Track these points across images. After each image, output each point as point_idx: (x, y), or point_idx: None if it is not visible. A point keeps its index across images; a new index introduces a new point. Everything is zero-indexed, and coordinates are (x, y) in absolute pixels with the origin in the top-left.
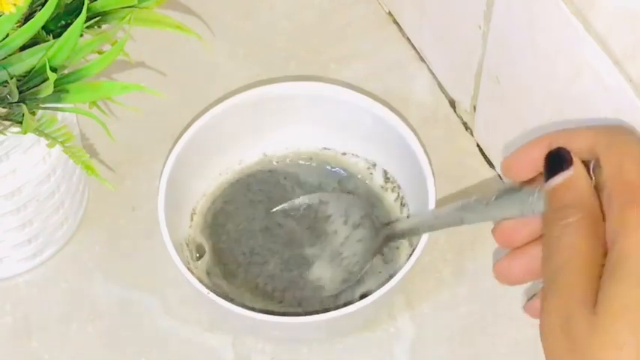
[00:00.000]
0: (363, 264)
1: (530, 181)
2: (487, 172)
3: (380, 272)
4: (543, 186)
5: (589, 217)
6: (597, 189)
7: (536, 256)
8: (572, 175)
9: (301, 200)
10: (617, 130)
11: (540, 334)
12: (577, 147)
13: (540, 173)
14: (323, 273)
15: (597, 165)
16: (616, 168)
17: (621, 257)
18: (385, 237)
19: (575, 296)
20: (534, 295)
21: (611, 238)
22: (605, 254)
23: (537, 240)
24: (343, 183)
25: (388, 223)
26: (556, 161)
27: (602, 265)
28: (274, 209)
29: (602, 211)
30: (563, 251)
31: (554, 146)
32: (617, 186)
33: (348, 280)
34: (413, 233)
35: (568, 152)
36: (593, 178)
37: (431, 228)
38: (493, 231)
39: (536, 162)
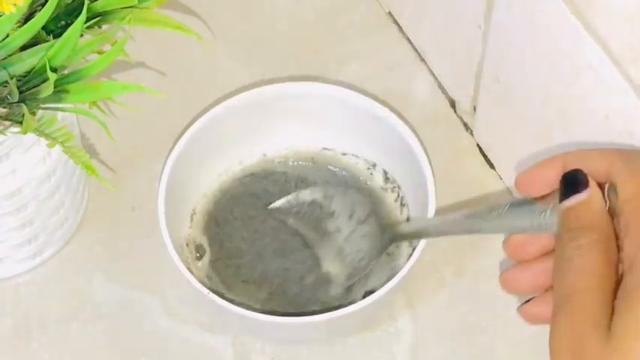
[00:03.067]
0: (369, 260)
1: (543, 197)
2: (487, 173)
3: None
4: (557, 205)
5: (602, 241)
6: (611, 213)
7: (544, 270)
8: (587, 198)
9: (306, 194)
10: (634, 155)
11: (550, 356)
12: (592, 169)
13: (554, 190)
14: (330, 269)
15: (612, 189)
16: (633, 193)
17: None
18: (391, 237)
19: (589, 319)
20: (530, 299)
21: (628, 263)
22: (616, 280)
23: (546, 255)
24: (343, 183)
25: (394, 224)
26: (571, 183)
27: (615, 290)
28: (276, 203)
29: (616, 235)
30: (576, 273)
31: (569, 167)
32: (635, 211)
33: (353, 275)
34: (420, 236)
35: (584, 174)
36: (608, 201)
37: (439, 233)
38: (504, 243)
39: (550, 180)
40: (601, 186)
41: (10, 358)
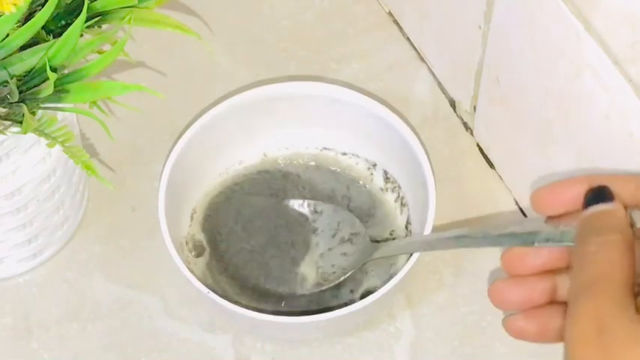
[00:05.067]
0: (341, 274)
1: (554, 218)
2: (487, 172)
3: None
4: (567, 223)
5: (626, 243)
6: (635, 235)
7: (541, 288)
8: (613, 208)
9: (297, 205)
10: None
11: (567, 342)
12: (618, 192)
13: (567, 213)
14: (307, 272)
15: (635, 212)
16: None
17: None
18: (365, 258)
19: (615, 300)
20: (516, 313)
21: None
22: (637, 288)
23: (543, 274)
24: (343, 183)
25: (378, 241)
26: (597, 196)
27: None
28: (287, 202)
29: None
30: (600, 264)
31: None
32: None
33: (321, 285)
34: (401, 253)
35: (610, 190)
36: (633, 224)
37: (424, 249)
38: (502, 255)
39: (570, 200)
40: (625, 209)
41: (10, 358)
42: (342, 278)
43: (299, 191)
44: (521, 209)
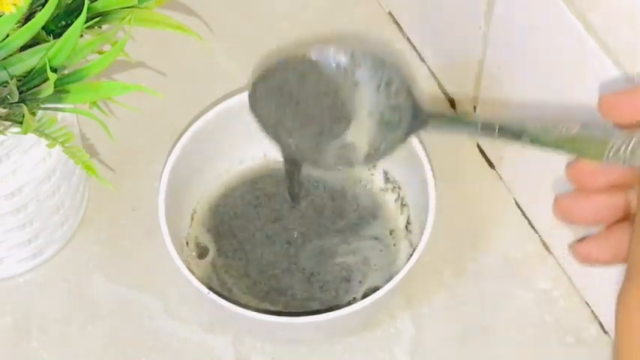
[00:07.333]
0: (393, 143)
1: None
2: (487, 172)
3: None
4: None
5: None
6: None
7: (611, 205)
8: None
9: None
10: None
11: (617, 327)
12: None
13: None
14: (355, 138)
15: None
16: None
17: None
18: (424, 120)
19: None
20: (585, 237)
21: None
22: None
23: (615, 188)
24: (344, 184)
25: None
26: None
27: None
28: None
29: None
30: None
31: None
32: None
33: (371, 156)
34: (458, 129)
35: None
36: None
37: (485, 131)
38: (569, 166)
39: None
40: None
41: (10, 357)
42: (397, 147)
43: (304, 184)
44: (521, 209)
